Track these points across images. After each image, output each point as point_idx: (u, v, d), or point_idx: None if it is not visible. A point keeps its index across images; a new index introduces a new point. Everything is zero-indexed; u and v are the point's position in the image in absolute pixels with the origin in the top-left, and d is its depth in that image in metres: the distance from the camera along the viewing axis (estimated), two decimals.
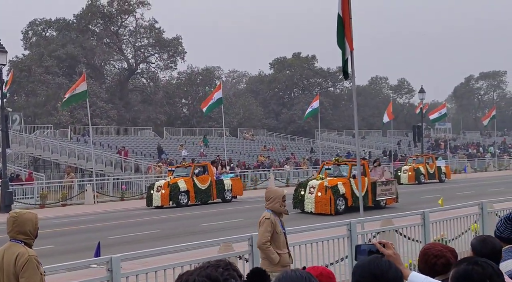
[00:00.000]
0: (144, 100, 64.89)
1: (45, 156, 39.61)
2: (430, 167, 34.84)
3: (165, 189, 22.92)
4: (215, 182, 24.24)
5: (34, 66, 55.12)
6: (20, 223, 4.26)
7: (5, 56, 24.05)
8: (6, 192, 22.90)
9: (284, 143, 56.88)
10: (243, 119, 68.27)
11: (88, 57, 61.21)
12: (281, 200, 6.02)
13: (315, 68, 78.88)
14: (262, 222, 5.85)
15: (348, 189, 18.68)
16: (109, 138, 46.59)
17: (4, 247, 4.39)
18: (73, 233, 16.53)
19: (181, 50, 65.92)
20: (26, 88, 55.00)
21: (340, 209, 18.31)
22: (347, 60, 10.31)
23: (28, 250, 4.27)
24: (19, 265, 4.18)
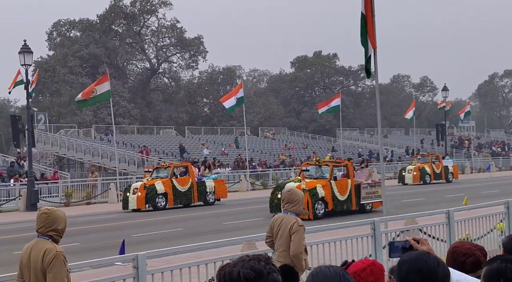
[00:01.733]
0: (166, 100, 65.27)
1: (70, 155, 40.13)
2: (436, 167, 33.27)
3: (141, 191, 21.45)
4: (196, 184, 22.79)
5: (58, 66, 55.84)
6: (52, 220, 4.32)
7: (31, 56, 24.42)
8: (32, 190, 23.23)
9: (305, 141, 56.72)
10: (264, 118, 68.22)
11: (111, 57, 61.79)
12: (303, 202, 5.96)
13: (336, 66, 78.48)
14: (296, 229, 5.63)
15: (328, 192, 17.46)
16: (131, 137, 47.00)
17: (32, 243, 4.45)
18: (98, 231, 16.71)
19: (202, 49, 66.16)
20: (51, 88, 55.74)
21: (319, 214, 17.12)
22: (369, 58, 10.26)
23: (55, 246, 4.32)
24: (46, 261, 4.23)
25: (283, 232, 5.75)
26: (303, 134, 61.53)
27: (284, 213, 5.89)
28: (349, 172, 18.32)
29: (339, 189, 17.75)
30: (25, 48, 23.97)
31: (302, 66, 78.37)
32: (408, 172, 32.85)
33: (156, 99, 64.67)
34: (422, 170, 32.71)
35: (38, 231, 4.37)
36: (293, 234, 5.65)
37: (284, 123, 69.14)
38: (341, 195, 17.72)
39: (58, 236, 4.37)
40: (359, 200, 18.12)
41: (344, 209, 17.72)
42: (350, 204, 17.86)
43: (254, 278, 1.71)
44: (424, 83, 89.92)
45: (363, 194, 18.19)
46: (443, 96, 44.10)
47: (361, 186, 18.17)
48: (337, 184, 17.80)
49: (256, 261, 1.76)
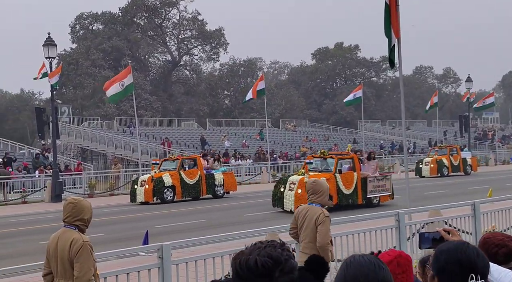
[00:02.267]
0: (187, 92, 65.54)
1: (93, 147, 40.55)
2: (454, 159, 32.36)
3: (148, 183, 21.21)
4: (204, 176, 22.46)
5: (81, 59, 56.40)
6: (78, 209, 4.35)
7: (55, 49, 24.65)
8: (57, 181, 23.51)
9: (327, 133, 56.51)
10: (285, 110, 68.09)
11: (133, 50, 62.18)
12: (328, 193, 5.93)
13: (358, 58, 77.95)
14: (322, 220, 5.60)
15: (333, 186, 16.73)
16: (153, 129, 47.30)
17: (58, 233, 4.48)
18: (121, 222, 16.86)
19: (223, 41, 66.19)
20: (74, 81, 56.34)
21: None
22: (393, 48, 10.13)
23: (82, 236, 4.34)
24: (73, 250, 4.25)
25: (309, 223, 5.73)
26: (324, 127, 61.30)
27: (309, 204, 5.87)
28: (355, 164, 17.71)
29: (344, 182, 17.25)
30: (49, 41, 24.19)
31: (323, 58, 77.97)
32: (425, 164, 32.08)
33: (177, 91, 64.97)
34: (439, 162, 31.92)
35: (64, 220, 4.40)
36: (319, 225, 5.63)
37: (305, 115, 68.93)
38: (347, 188, 17.24)
39: (84, 225, 4.40)
40: (366, 193, 17.54)
41: (350, 203, 17.25)
42: (356, 198, 17.32)
43: (272, 266, 1.67)
44: (447, 74, 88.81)
45: (370, 187, 17.59)
46: (466, 87, 43.42)
47: (368, 179, 17.56)
48: (342, 177, 17.28)
49: (272, 248, 1.71)
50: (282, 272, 1.69)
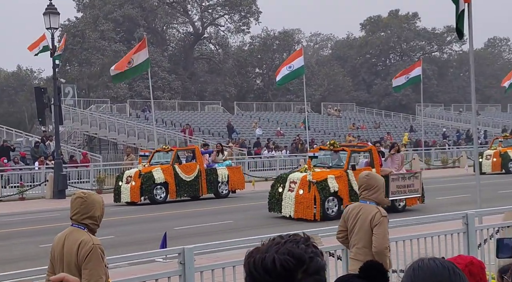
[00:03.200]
0: (212, 70, 65.75)
1: (102, 135, 41.12)
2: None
3: (135, 180, 20.48)
4: (204, 172, 21.72)
5: (88, 30, 57.01)
6: (88, 205, 4.38)
7: (57, 18, 24.96)
8: (60, 174, 23.85)
9: (378, 119, 56.13)
10: (328, 92, 67.78)
11: (148, 19, 62.61)
12: (384, 189, 5.87)
13: (417, 28, 77.01)
14: (378, 220, 5.57)
15: (343, 185, 16.01)
16: (172, 114, 47.70)
17: (65, 233, 4.50)
18: (134, 222, 17.07)
19: (255, 9, 66.10)
20: (80, 57, 57.07)
21: (331, 213, 15.73)
22: (461, 15, 9.94)
23: (92, 238, 4.36)
24: (82, 254, 4.27)
25: (362, 225, 5.69)
26: (374, 111, 60.89)
27: (362, 201, 5.82)
28: (374, 158, 16.64)
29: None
30: (50, 9, 24.52)
31: (375, 28, 77.29)
32: (486, 158, 31.04)
33: (200, 69, 65.25)
34: (504, 155, 30.88)
35: (72, 218, 4.44)
36: (375, 226, 5.58)
37: (351, 98, 68.51)
38: None
39: (95, 224, 4.43)
40: (387, 195, 16.18)
41: None
42: None
43: (295, 266, 1.61)
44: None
45: (393, 187, 16.58)
46: None
47: (390, 177, 16.52)
48: (356, 175, 15.27)
49: (294, 244, 1.64)
50: (306, 273, 1.63)
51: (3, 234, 15.36)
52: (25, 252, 12.59)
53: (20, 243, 13.86)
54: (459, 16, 9.88)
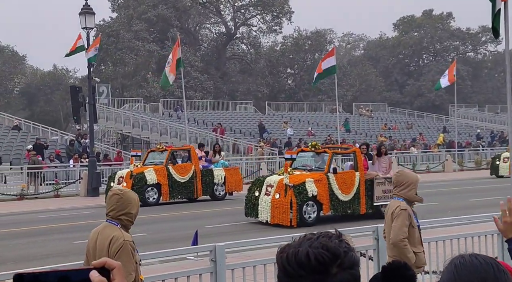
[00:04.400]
0: (244, 70, 65.88)
1: (135, 133, 41.49)
2: None
3: (126, 181, 19.76)
4: (200, 173, 20.95)
5: (122, 31, 57.61)
6: (124, 202, 4.42)
7: (93, 18, 25.27)
8: (94, 173, 24.09)
9: (410, 120, 55.62)
10: (360, 92, 67.41)
11: (181, 20, 62.99)
12: (416, 186, 5.90)
13: (451, 28, 76.13)
14: (397, 213, 5.66)
15: (323, 190, 14.96)
16: (204, 113, 47.90)
17: (99, 228, 4.56)
18: (167, 220, 17.16)
19: (287, 9, 66.04)
20: (114, 57, 57.67)
21: (309, 219, 14.80)
22: (497, 14, 9.79)
23: (124, 234, 4.40)
24: (112, 250, 4.31)
25: (388, 220, 5.87)
26: (407, 112, 60.35)
27: (394, 198, 5.90)
28: (358, 161, 15.60)
29: (341, 185, 15.23)
30: (86, 9, 24.82)
31: (408, 28, 76.63)
32: (504, 161, 29.94)
33: (232, 69, 65.43)
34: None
35: (108, 214, 4.49)
36: (394, 219, 5.66)
37: (383, 98, 68.03)
38: (344, 193, 15.26)
39: (129, 221, 4.47)
40: (372, 200, 15.61)
41: (348, 212, 15.46)
42: (358, 205, 15.45)
43: (329, 260, 1.57)
44: None
45: (378, 192, 15.59)
46: None
47: (375, 181, 15.59)
48: (338, 179, 15.22)
49: (327, 238, 1.61)
50: (341, 267, 1.58)
51: (38, 230, 15.61)
52: (59, 248, 12.72)
53: (54, 239, 14.02)
54: (495, 16, 9.73)
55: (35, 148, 28.52)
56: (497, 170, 30.42)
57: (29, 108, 65.51)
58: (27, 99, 66.41)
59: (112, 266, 1.35)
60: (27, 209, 20.52)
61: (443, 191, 22.99)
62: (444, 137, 46.08)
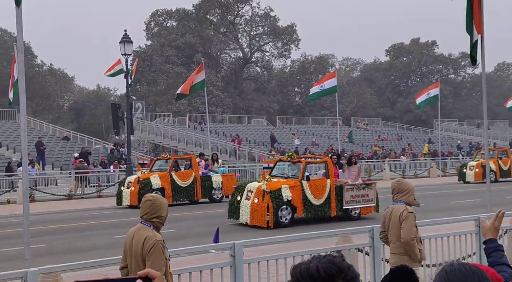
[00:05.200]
0: (258, 89, 65.99)
1: (165, 143, 41.63)
2: (503, 163, 29.72)
3: (134, 185, 19.75)
4: (199, 179, 20.73)
5: (155, 56, 57.96)
6: (156, 207, 4.46)
7: (131, 46, 25.47)
8: None
9: (400, 132, 55.33)
10: (357, 108, 67.21)
11: (205, 46, 63.26)
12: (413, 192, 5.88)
13: (435, 54, 75.78)
14: (406, 215, 5.62)
15: (297, 195, 14.58)
16: (224, 126, 47.95)
17: (135, 228, 4.61)
18: (192, 218, 17.18)
19: (295, 38, 66.16)
20: (148, 78, 58.01)
21: (284, 221, 14.36)
22: (475, 45, 9.77)
23: (155, 234, 4.43)
24: (146, 248, 4.36)
25: (394, 222, 5.76)
26: (397, 125, 60.04)
27: (394, 203, 5.87)
28: (329, 170, 15.27)
29: (314, 191, 14.88)
30: (125, 38, 25.02)
31: (398, 54, 76.39)
32: (470, 169, 29.68)
33: (248, 88, 65.56)
34: (485, 166, 29.64)
35: (142, 217, 4.52)
36: (403, 221, 5.63)
37: (377, 113, 67.77)
38: (316, 198, 14.89)
39: (160, 223, 4.50)
40: (342, 204, 15.31)
41: (320, 215, 15.03)
42: (329, 209, 15.07)
43: (336, 273, 1.62)
44: None
45: (347, 197, 15.29)
46: None
47: (344, 188, 15.27)
48: (311, 185, 14.90)
49: (332, 257, 1.68)
50: (345, 279, 1.64)
51: (84, 226, 15.66)
52: (102, 242, 12.75)
53: (98, 234, 14.05)
54: (473, 46, 9.72)
55: (81, 155, 28.69)
56: (464, 176, 29.97)
57: (77, 121, 65.94)
58: (75, 113, 66.87)
59: (153, 276, 1.38)
60: (74, 207, 20.64)
61: (428, 194, 22.84)
62: (429, 147, 45.77)
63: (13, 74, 22.07)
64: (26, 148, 6.95)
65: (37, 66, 58.83)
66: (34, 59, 58.03)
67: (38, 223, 15.18)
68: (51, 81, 60.18)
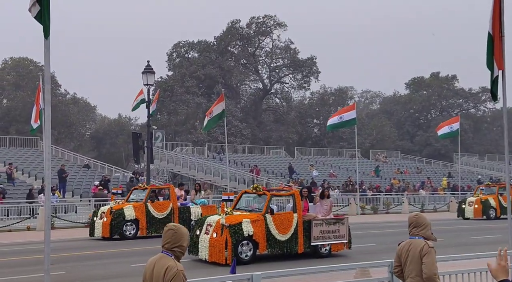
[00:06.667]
0: (277, 120, 66.25)
1: (183, 172, 41.79)
2: (504, 199, 28.36)
3: (107, 216, 18.79)
4: (177, 210, 19.66)
5: (176, 86, 58.72)
6: (178, 236, 4.47)
7: (153, 76, 25.90)
8: None
9: (419, 166, 54.86)
10: (376, 141, 66.98)
11: (225, 77, 63.98)
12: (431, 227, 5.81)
13: (455, 88, 75.58)
14: (426, 250, 5.53)
15: (260, 229, 13.55)
16: (242, 156, 48.04)
17: (155, 258, 4.62)
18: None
19: (315, 70, 66.62)
20: (169, 107, 58.65)
21: (244, 258, 13.28)
22: (495, 80, 9.77)
23: (177, 264, 4.44)
24: (167, 278, 4.35)
25: (413, 257, 5.64)
26: (416, 159, 59.59)
27: (411, 237, 5.78)
28: (296, 203, 14.19)
29: (278, 225, 13.83)
30: (148, 69, 25.46)
31: (418, 87, 76.35)
32: (469, 205, 28.80)
33: (267, 119, 65.86)
34: (484, 202, 28.50)
35: (163, 246, 4.53)
36: (424, 256, 5.54)
37: (396, 146, 67.45)
38: (281, 233, 13.83)
39: (181, 253, 4.50)
40: (309, 240, 14.21)
41: (286, 251, 13.94)
42: (295, 245, 13.98)
43: None
44: None
45: (316, 232, 14.23)
46: None
47: (313, 223, 14.20)
48: (275, 219, 13.85)
49: None
50: None
51: (102, 254, 15.64)
52: (119, 270, 12.69)
53: (116, 262, 13.95)
54: (494, 81, 9.71)
55: (102, 183, 28.95)
56: (463, 212, 28.98)
57: (97, 149, 66.63)
58: (96, 142, 67.63)
59: None
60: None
61: (448, 229, 22.50)
62: (447, 181, 45.29)
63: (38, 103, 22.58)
64: (49, 176, 7.06)
65: (60, 95, 59.90)
66: (58, 88, 59.12)
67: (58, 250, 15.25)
68: (74, 110, 61.13)
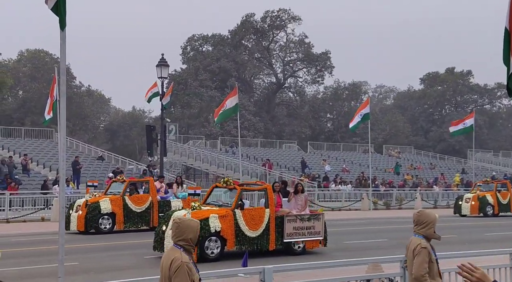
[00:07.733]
0: (290, 114, 66.19)
1: (196, 165, 41.94)
2: (502, 196, 28.06)
3: (82, 209, 18.17)
4: (157, 204, 18.98)
5: (190, 79, 58.87)
6: (181, 229, 4.49)
7: (167, 70, 26.02)
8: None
9: (433, 161, 54.53)
10: (389, 136, 66.68)
11: (239, 71, 63.98)
12: (435, 225, 5.74)
13: (471, 84, 74.93)
14: (418, 250, 5.51)
15: (228, 225, 12.86)
16: (255, 150, 48.07)
17: (167, 250, 4.68)
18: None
19: (329, 64, 66.38)
20: (182, 101, 58.84)
21: (210, 254, 12.63)
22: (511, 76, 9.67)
23: (182, 256, 4.46)
24: (172, 269, 4.41)
25: (409, 255, 5.69)
26: (430, 154, 59.23)
27: (414, 235, 5.76)
28: (269, 199, 13.49)
29: (248, 221, 13.13)
30: (162, 62, 25.55)
31: (433, 83, 75.81)
32: (466, 201, 28.07)
33: (280, 113, 65.83)
34: (482, 199, 27.83)
35: (172, 239, 4.59)
36: (415, 256, 5.52)
37: (410, 141, 67.11)
38: (251, 229, 13.13)
39: (188, 245, 4.50)
40: (282, 237, 13.52)
41: (256, 248, 13.21)
42: (266, 242, 13.31)
43: None
44: None
45: (289, 229, 13.50)
46: None
47: (286, 219, 13.48)
48: (245, 215, 13.14)
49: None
50: None
51: (115, 246, 15.75)
52: (132, 262, 12.75)
53: (129, 254, 13.99)
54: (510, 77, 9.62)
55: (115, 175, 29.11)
56: (460, 209, 28.37)
57: (111, 141, 67.07)
58: (110, 134, 68.07)
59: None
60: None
61: (461, 225, 22.37)
62: (460, 177, 44.98)
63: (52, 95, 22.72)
64: (64, 167, 7.13)
65: (75, 87, 60.29)
66: (72, 80, 59.52)
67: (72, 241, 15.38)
68: (88, 102, 61.52)
